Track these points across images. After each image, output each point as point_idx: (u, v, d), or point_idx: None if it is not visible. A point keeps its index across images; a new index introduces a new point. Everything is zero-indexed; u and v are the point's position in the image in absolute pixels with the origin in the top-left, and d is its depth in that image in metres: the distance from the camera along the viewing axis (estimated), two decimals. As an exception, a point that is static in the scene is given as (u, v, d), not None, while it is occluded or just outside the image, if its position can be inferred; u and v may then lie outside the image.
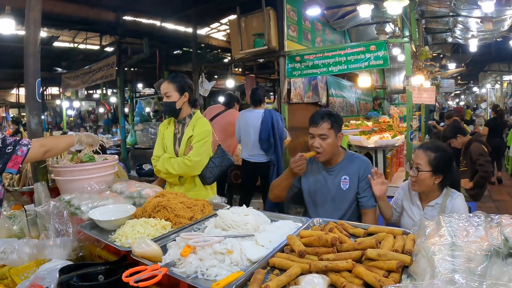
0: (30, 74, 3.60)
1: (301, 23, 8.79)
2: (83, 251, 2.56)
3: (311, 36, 9.37)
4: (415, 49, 8.27)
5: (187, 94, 3.82)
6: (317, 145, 3.40)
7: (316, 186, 3.59)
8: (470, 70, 22.38)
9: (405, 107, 7.30)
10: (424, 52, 8.99)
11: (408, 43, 6.65)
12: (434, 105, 14.47)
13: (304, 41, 8.86)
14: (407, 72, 6.56)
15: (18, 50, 12.30)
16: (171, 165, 3.69)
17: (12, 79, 18.92)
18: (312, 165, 3.70)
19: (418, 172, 3.09)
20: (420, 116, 10.44)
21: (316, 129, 3.40)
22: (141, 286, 1.72)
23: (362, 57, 6.72)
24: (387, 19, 9.83)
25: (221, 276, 1.80)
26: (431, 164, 3.06)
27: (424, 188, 3.17)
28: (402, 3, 6.81)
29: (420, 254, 1.75)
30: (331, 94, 10.56)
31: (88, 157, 3.46)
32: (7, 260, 2.48)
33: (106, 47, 13.31)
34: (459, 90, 30.91)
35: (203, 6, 9.54)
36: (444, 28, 12.78)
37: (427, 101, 7.33)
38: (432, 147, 3.13)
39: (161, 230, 2.40)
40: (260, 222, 2.38)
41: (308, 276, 1.73)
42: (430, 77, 10.51)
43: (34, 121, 3.58)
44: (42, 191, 3.25)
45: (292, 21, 8.28)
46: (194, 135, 3.75)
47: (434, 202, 3.18)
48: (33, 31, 3.64)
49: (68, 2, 8.87)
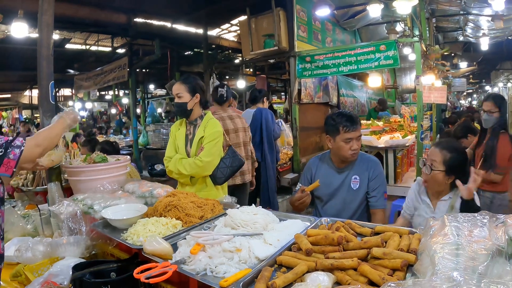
0: (43, 76, 3.65)
1: (311, 24, 8.81)
2: (95, 249, 2.62)
3: (321, 36, 9.38)
4: (425, 48, 8.26)
5: (198, 95, 3.86)
6: (356, 148, 3.46)
7: (327, 185, 3.61)
8: (482, 69, 22.18)
9: (416, 107, 7.29)
10: (434, 51, 8.97)
11: (418, 42, 6.64)
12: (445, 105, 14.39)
13: (314, 41, 8.87)
14: (417, 71, 6.55)
15: (30, 52, 12.39)
16: (182, 166, 3.73)
17: (25, 81, 19.06)
18: (322, 164, 3.74)
19: (431, 170, 3.08)
20: (431, 115, 10.41)
21: (355, 132, 3.45)
22: (151, 282, 1.77)
23: (372, 57, 6.73)
24: (397, 18, 9.81)
25: (230, 273, 1.84)
26: (446, 164, 3.04)
27: (435, 186, 3.17)
28: (411, 2, 6.79)
29: (424, 253, 1.77)
30: (342, 94, 10.55)
31: (101, 157, 3.52)
32: (21, 258, 2.55)
33: (117, 48, 13.37)
34: (471, 89, 30.66)
35: (213, 8, 9.58)
36: (455, 26, 12.70)
37: (438, 101, 7.33)
38: (448, 147, 3.11)
39: (172, 229, 2.44)
40: (269, 221, 2.42)
41: (314, 274, 1.77)
42: (441, 76, 10.48)
43: (48, 123, 3.64)
44: (56, 191, 3.32)
45: (302, 22, 8.30)
46: (205, 136, 3.78)
47: (447, 196, 3.16)
48: (46, 35, 3.69)
49: (80, 5, 8.96)
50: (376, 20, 10.41)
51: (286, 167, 7.99)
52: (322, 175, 3.70)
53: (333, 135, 3.52)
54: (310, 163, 3.91)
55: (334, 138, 3.50)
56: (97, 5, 9.37)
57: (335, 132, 3.48)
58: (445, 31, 13.65)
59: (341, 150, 3.49)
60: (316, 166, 3.80)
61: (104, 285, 1.95)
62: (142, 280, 1.78)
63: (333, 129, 3.50)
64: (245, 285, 1.71)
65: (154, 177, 8.53)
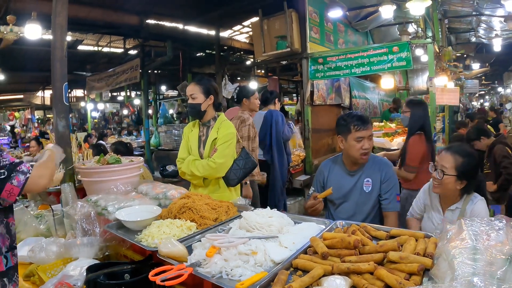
0: (57, 78, 3.67)
1: (323, 25, 8.80)
2: (109, 251, 2.63)
3: (334, 37, 9.37)
4: (438, 50, 8.22)
5: (212, 97, 3.85)
6: (367, 147, 3.44)
7: (339, 188, 3.60)
8: (495, 70, 22.03)
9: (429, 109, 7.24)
10: (447, 53, 8.92)
11: (431, 43, 6.62)
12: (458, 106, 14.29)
13: (326, 43, 8.86)
14: (430, 73, 6.52)
15: (43, 53, 12.50)
16: (195, 167, 3.72)
17: (37, 82, 19.20)
18: (335, 167, 3.72)
19: (443, 175, 3.01)
20: (443, 117, 10.35)
21: (366, 131, 3.43)
22: (167, 285, 1.76)
23: (385, 59, 6.71)
24: (409, 19, 9.78)
25: (245, 276, 1.83)
26: (458, 169, 2.97)
27: (446, 192, 3.10)
28: (424, 4, 6.77)
29: (441, 257, 1.75)
30: (354, 96, 10.53)
31: (115, 159, 3.53)
32: (35, 258, 2.56)
33: (129, 50, 13.44)
34: (483, 90, 30.37)
35: (225, 9, 9.58)
36: (467, 27, 12.65)
37: (451, 102, 7.29)
38: (460, 151, 3.03)
39: (187, 231, 2.44)
40: (284, 224, 2.41)
41: (331, 278, 1.76)
42: (453, 77, 10.42)
43: (62, 124, 3.66)
44: (69, 191, 3.34)
45: (315, 23, 8.29)
46: (219, 137, 3.77)
47: (455, 206, 3.10)
48: (59, 37, 3.71)
49: (92, 7, 9.03)
50: (388, 21, 10.38)
51: (298, 169, 7.98)
52: (334, 178, 3.69)
53: (344, 135, 3.51)
54: (323, 166, 3.89)
55: (346, 138, 3.50)
56: (110, 7, 9.44)
57: (347, 131, 3.48)
58: (457, 32, 13.59)
59: (352, 150, 3.48)
60: (329, 169, 3.78)
61: (118, 287, 1.95)
62: (157, 283, 1.77)
63: (344, 129, 3.51)
64: (262, 288, 1.70)
65: (165, 178, 8.54)
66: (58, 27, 3.69)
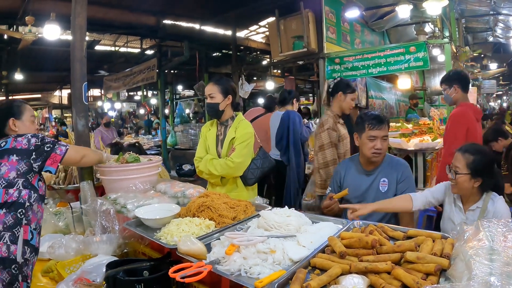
0: (77, 78, 3.70)
1: (340, 25, 8.78)
2: (127, 248, 2.67)
3: (350, 37, 9.34)
4: (455, 50, 8.16)
5: (230, 97, 3.86)
6: (379, 147, 3.44)
7: (355, 188, 3.60)
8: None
9: (446, 109, 7.19)
10: (464, 53, 8.86)
11: (449, 43, 6.58)
12: (475, 107, 14.19)
13: (343, 43, 8.84)
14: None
15: (61, 54, 12.66)
16: (213, 166, 3.74)
17: (54, 82, 19.43)
18: (351, 166, 3.73)
19: (456, 175, 3.02)
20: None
21: (380, 131, 3.43)
22: (186, 281, 1.80)
23: (402, 59, 6.69)
24: (426, 19, 9.72)
25: (264, 274, 1.85)
26: (469, 167, 2.97)
27: (463, 191, 3.09)
28: (441, 3, 6.74)
29: (458, 257, 1.76)
30: (371, 96, 10.47)
31: (133, 157, 3.56)
32: (54, 254, 2.63)
33: (146, 50, 13.53)
34: (501, 90, 30.05)
35: (241, 9, 9.60)
36: (485, 27, 12.55)
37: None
38: (470, 150, 3.04)
39: (205, 229, 2.46)
40: (302, 223, 2.42)
41: (349, 276, 1.77)
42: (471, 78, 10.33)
43: (81, 123, 3.70)
44: (88, 189, 3.38)
45: (331, 23, 8.29)
46: (237, 137, 3.78)
47: (475, 206, 3.09)
48: (79, 37, 3.74)
49: (109, 8, 9.11)
50: (405, 21, 10.32)
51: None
52: (351, 177, 3.70)
53: (360, 133, 3.54)
54: (340, 165, 3.90)
55: (361, 136, 3.53)
56: (127, 8, 9.51)
57: (362, 129, 3.51)
58: (474, 31, 13.49)
59: (365, 148, 3.50)
60: (345, 168, 3.79)
61: (138, 284, 1.96)
62: (177, 280, 1.80)
63: (360, 127, 3.53)
64: (280, 286, 1.72)
65: (182, 177, 8.56)
66: (77, 27, 3.73)
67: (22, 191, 2.58)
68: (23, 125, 2.94)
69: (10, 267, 2.41)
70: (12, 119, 2.89)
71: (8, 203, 2.50)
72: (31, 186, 2.65)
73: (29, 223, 2.58)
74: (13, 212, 2.50)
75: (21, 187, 2.58)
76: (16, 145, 2.63)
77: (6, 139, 2.69)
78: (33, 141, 2.68)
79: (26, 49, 10.00)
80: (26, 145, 2.65)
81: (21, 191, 2.57)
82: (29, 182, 2.64)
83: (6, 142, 2.66)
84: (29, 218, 2.59)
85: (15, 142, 2.65)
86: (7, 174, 2.55)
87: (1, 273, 2.38)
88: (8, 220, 2.47)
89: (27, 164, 2.62)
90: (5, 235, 2.44)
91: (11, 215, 2.49)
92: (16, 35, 8.95)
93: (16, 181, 2.57)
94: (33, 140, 2.69)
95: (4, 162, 2.58)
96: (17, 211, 2.52)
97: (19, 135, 2.72)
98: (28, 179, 2.63)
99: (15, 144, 2.64)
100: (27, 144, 2.65)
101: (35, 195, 2.66)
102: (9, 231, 2.46)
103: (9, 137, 2.70)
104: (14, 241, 2.46)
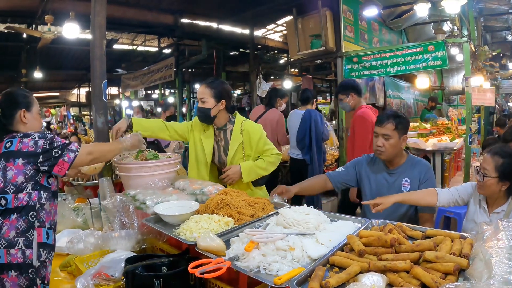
0: (96, 76, 3.75)
1: (358, 24, 8.75)
2: (145, 244, 2.69)
3: (368, 36, 9.29)
4: (474, 49, 8.09)
5: (224, 101, 3.60)
6: (379, 144, 3.42)
7: (377, 187, 3.60)
8: (532, 70, 21.51)
9: (464, 109, 7.14)
10: (483, 52, 8.78)
11: (467, 42, 6.51)
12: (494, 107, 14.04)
13: (361, 42, 8.80)
14: (466, 73, 6.42)
15: (79, 52, 12.78)
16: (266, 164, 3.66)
17: (73, 80, 19.62)
18: (373, 165, 3.70)
19: (484, 177, 2.97)
20: (479, 118, 10.19)
21: (381, 129, 3.42)
22: (206, 277, 1.82)
23: (420, 58, 6.65)
24: (444, 17, 9.65)
25: (283, 271, 1.85)
26: (498, 170, 2.92)
27: (490, 193, 3.05)
28: (460, 1, 6.68)
29: (478, 257, 1.75)
30: (389, 95, 10.44)
31: (153, 154, 3.59)
32: (73, 249, 2.67)
33: (164, 49, 13.61)
34: (520, 90, 29.70)
35: (259, 8, 9.63)
36: (504, 26, 12.43)
37: (487, 103, 7.17)
38: (500, 152, 2.97)
39: (224, 226, 2.47)
40: (321, 221, 2.43)
41: (368, 275, 1.77)
42: (489, 77, 10.25)
43: (101, 120, 3.75)
44: (107, 186, 3.42)
45: (349, 22, 8.25)
46: (252, 138, 3.65)
47: (500, 209, 3.05)
48: (98, 35, 3.79)
49: (128, 7, 9.20)
50: (423, 20, 10.26)
51: (331, 168, 7.93)
52: (373, 175, 3.67)
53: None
54: (364, 159, 3.83)
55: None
56: (145, 7, 9.60)
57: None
58: (493, 30, 13.36)
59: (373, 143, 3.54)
60: (370, 164, 3.72)
61: (156, 279, 1.98)
62: (196, 275, 1.82)
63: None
64: (299, 284, 1.73)
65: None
66: (97, 26, 3.78)
67: (32, 193, 2.50)
68: (33, 118, 2.76)
69: (27, 271, 2.39)
70: (23, 110, 2.68)
71: (19, 207, 2.45)
72: (41, 186, 2.57)
73: (43, 224, 2.54)
74: (25, 216, 2.45)
75: (30, 190, 2.50)
76: (22, 147, 2.50)
77: (12, 139, 2.56)
78: (40, 143, 2.54)
79: (45, 48, 10.12)
80: (33, 148, 2.51)
81: (30, 194, 2.50)
82: (38, 183, 2.56)
83: (11, 142, 2.54)
84: (42, 219, 2.54)
85: (21, 143, 2.52)
86: (14, 179, 2.46)
87: (19, 279, 2.38)
88: (21, 225, 2.42)
89: (34, 167, 2.52)
90: (19, 241, 2.40)
91: (23, 219, 2.44)
92: (35, 34, 9.06)
93: (25, 185, 2.48)
94: (40, 142, 2.54)
95: (10, 166, 2.48)
96: (28, 215, 2.46)
97: (25, 135, 2.57)
98: (37, 181, 2.55)
99: (21, 146, 2.50)
100: (34, 146, 2.51)
101: (45, 194, 2.59)
102: (23, 236, 2.41)
103: (15, 137, 2.55)
104: (29, 245, 2.42)
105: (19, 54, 12.53)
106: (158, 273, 2.09)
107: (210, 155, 3.74)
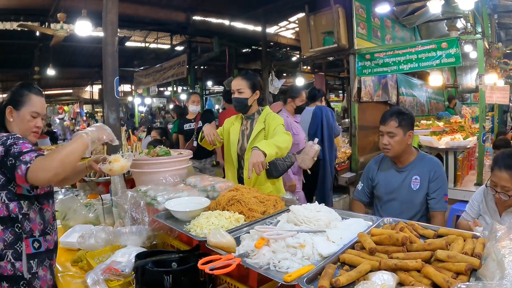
0: (108, 72, 3.77)
1: (370, 20, 8.71)
2: (156, 240, 2.70)
3: (381, 33, 9.25)
4: (488, 46, 8.00)
5: (258, 92, 3.83)
6: (385, 142, 3.44)
7: (386, 184, 3.60)
8: (547, 68, 21.29)
9: (477, 107, 7.07)
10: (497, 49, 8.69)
11: (481, 39, 6.44)
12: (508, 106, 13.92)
13: (373, 39, 8.76)
14: (480, 70, 6.35)
15: (92, 50, 12.87)
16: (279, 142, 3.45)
17: (86, 77, 19.76)
18: (383, 163, 3.71)
19: (509, 196, 2.91)
20: (493, 117, 10.09)
21: (384, 127, 3.44)
22: (215, 273, 1.82)
23: (434, 55, 6.60)
24: (458, 14, 9.55)
25: (293, 268, 1.85)
26: None
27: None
28: (473, -2, 6.62)
29: (490, 257, 1.73)
30: (401, 93, 10.38)
31: (164, 151, 3.61)
32: (84, 244, 2.67)
33: (176, 46, 13.64)
34: (534, 89, 29.43)
35: (271, 5, 9.63)
36: (518, 23, 12.29)
37: (501, 101, 7.08)
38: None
39: (235, 223, 2.47)
40: (332, 219, 2.41)
41: (378, 273, 1.75)
42: (503, 75, 10.13)
43: (113, 116, 3.77)
44: (119, 182, 3.43)
45: (362, 19, 8.22)
46: (270, 125, 3.73)
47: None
48: (110, 33, 3.82)
49: (140, 4, 9.24)
50: (436, 17, 10.17)
51: (344, 166, 7.93)
52: (383, 173, 3.69)
53: None
54: (373, 161, 3.89)
55: None
56: (157, 4, 9.64)
57: None
58: (507, 27, 13.20)
59: None
60: (379, 163, 3.77)
61: (166, 275, 1.97)
62: (206, 271, 1.82)
63: None
64: (309, 281, 1.72)
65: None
66: (109, 23, 3.80)
67: (9, 204, 2.28)
68: (20, 120, 2.48)
69: (18, 284, 2.32)
70: (10, 107, 2.46)
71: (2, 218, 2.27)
72: (19, 196, 2.32)
73: (29, 235, 2.36)
74: (11, 227, 2.29)
75: (6, 200, 2.28)
76: None
77: None
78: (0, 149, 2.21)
79: (58, 46, 10.17)
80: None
81: (8, 205, 2.28)
82: (14, 193, 2.30)
83: None
84: (28, 229, 2.35)
85: None
86: None
87: None
88: (8, 237, 2.28)
89: (2, 176, 2.27)
90: (7, 253, 2.27)
91: (9, 231, 2.28)
92: (48, 32, 9.11)
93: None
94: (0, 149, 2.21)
95: None
96: (14, 226, 2.30)
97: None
98: (11, 190, 2.29)
99: None
100: None
101: (26, 202, 2.35)
102: (11, 248, 2.28)
103: None
104: (18, 257, 2.30)
105: (32, 52, 12.67)
106: (168, 269, 2.08)
107: (235, 143, 3.91)
